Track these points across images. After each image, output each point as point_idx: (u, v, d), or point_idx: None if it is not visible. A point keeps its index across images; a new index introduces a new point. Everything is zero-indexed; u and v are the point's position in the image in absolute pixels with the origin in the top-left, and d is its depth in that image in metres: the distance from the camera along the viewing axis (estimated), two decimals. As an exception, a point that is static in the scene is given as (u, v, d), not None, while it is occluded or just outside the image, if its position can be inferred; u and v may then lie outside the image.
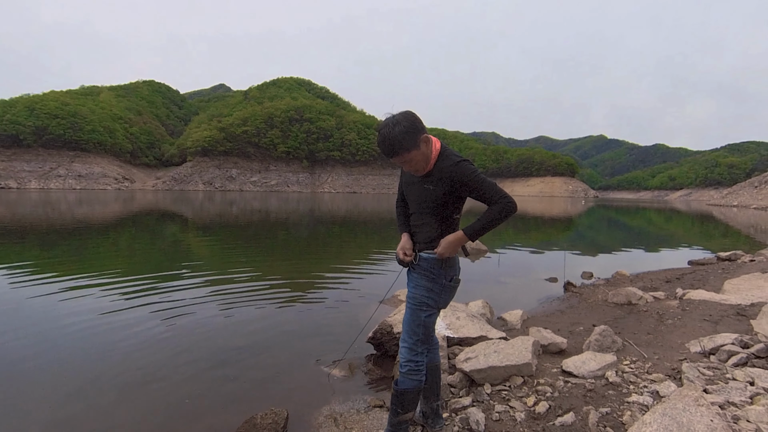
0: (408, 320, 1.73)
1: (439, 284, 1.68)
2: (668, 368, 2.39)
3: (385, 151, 1.55)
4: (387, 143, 1.52)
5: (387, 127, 1.52)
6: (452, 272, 1.72)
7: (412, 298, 1.72)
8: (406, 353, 1.72)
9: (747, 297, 4.08)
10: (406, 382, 1.71)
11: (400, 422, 1.74)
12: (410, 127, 1.52)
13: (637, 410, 1.90)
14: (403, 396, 1.71)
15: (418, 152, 1.54)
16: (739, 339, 2.62)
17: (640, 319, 3.70)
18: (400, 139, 1.50)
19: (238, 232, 12.49)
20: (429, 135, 1.58)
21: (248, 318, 3.94)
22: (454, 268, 1.73)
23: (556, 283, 5.78)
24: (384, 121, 1.55)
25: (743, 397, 1.87)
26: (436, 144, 1.62)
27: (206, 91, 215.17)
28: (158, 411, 2.30)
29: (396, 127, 1.50)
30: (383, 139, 1.53)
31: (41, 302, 4.30)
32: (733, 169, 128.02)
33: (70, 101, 78.09)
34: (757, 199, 50.93)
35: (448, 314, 3.16)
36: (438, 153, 1.61)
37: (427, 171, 1.62)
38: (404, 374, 1.71)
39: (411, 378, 1.70)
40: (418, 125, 1.55)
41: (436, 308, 1.73)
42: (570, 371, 2.38)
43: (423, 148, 1.56)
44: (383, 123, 1.55)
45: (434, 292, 1.68)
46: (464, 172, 1.55)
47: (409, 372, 1.70)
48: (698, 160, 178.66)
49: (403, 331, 1.75)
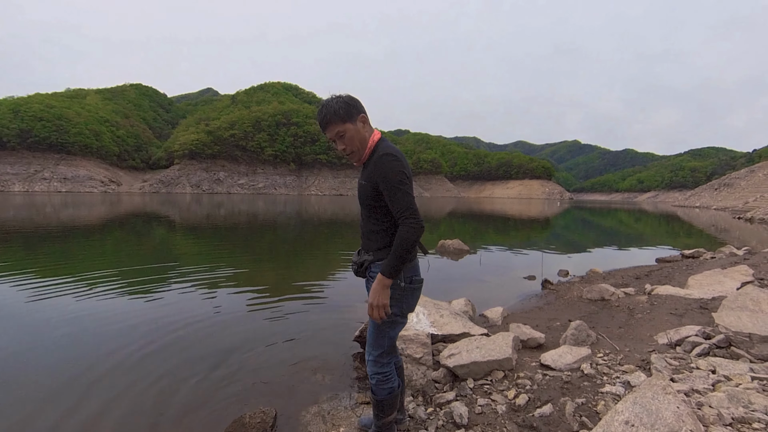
0: (372, 333, 1.66)
1: (398, 289, 1.56)
2: (638, 359, 2.52)
3: (321, 119, 1.51)
4: (324, 111, 1.50)
5: (328, 99, 1.51)
6: (410, 273, 1.59)
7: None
8: (372, 366, 1.68)
9: (709, 291, 4.35)
10: (378, 392, 1.69)
11: (384, 424, 1.75)
12: (350, 101, 1.51)
13: (611, 400, 1.99)
14: (381, 403, 1.72)
15: (353, 127, 1.50)
16: (702, 331, 2.79)
17: (613, 313, 3.88)
18: (337, 107, 1.48)
19: (226, 234, 12.20)
20: (368, 120, 1.56)
21: (235, 319, 3.90)
22: (412, 268, 1.61)
23: (534, 281, 5.96)
24: (328, 97, 1.54)
25: (706, 384, 1.99)
26: (375, 134, 1.57)
27: (194, 95, 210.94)
28: (146, 412, 2.26)
29: (336, 98, 1.50)
30: (321, 108, 1.51)
31: (28, 304, 4.20)
32: (696, 172, 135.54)
33: (56, 104, 76.61)
34: (717, 200, 54.11)
35: (432, 312, 3.21)
36: (374, 144, 1.55)
37: (365, 160, 1.56)
38: (375, 386, 1.69)
39: (382, 388, 1.68)
40: (359, 105, 1.53)
41: (401, 315, 1.62)
42: (548, 364, 2.46)
43: (359, 126, 1.52)
44: (327, 98, 1.53)
45: (395, 299, 1.56)
46: (384, 168, 1.45)
47: (379, 383, 1.68)
48: (664, 164, 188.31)
49: (368, 344, 1.69)
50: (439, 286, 5.49)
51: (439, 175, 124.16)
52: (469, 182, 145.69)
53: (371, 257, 1.60)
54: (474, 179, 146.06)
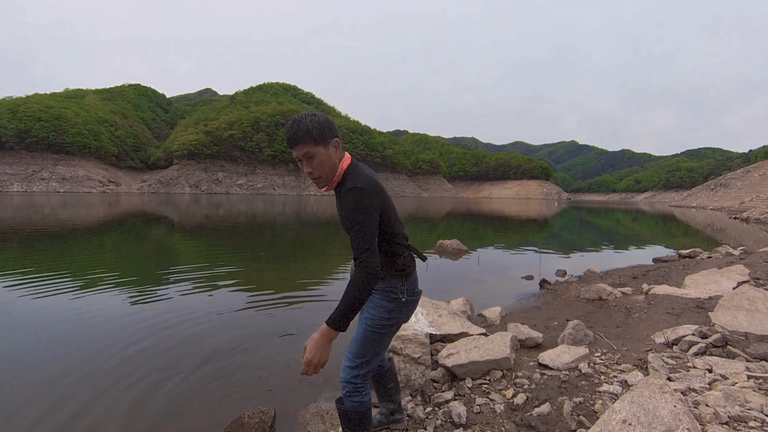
0: (359, 340, 1.55)
1: (399, 303, 1.54)
2: (635, 359, 2.53)
3: (291, 136, 1.37)
4: (295, 127, 1.37)
5: (302, 115, 1.40)
6: (411, 285, 1.57)
7: (371, 319, 1.54)
8: (349, 372, 1.54)
9: (705, 291, 4.37)
10: (347, 402, 1.55)
11: None
12: (325, 122, 1.40)
13: (608, 399, 2.00)
14: (347, 415, 1.56)
15: (324, 151, 1.39)
16: (698, 330, 2.81)
17: (610, 313, 3.89)
18: (310, 127, 1.36)
19: (225, 234, 12.18)
20: (341, 144, 1.45)
21: (235, 319, 3.90)
22: (412, 280, 1.58)
23: (532, 281, 5.98)
24: (301, 113, 1.43)
25: (703, 383, 2.00)
26: (345, 160, 1.45)
27: (192, 95, 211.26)
28: (146, 411, 2.26)
29: (310, 116, 1.39)
30: (293, 123, 1.38)
31: (25, 303, 4.19)
32: (692, 173, 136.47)
33: (55, 104, 76.45)
34: (713, 200, 54.43)
35: (431, 312, 3.22)
36: (343, 171, 1.43)
37: (332, 187, 1.46)
38: (344, 395, 1.56)
39: (352, 400, 1.54)
40: (334, 128, 1.42)
41: (397, 326, 1.60)
42: (546, 364, 2.47)
43: (330, 151, 1.40)
44: (300, 113, 1.42)
45: (396, 311, 1.54)
46: (349, 202, 1.36)
47: (349, 394, 1.54)
48: (661, 165, 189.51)
49: (350, 350, 1.57)
50: (437, 285, 5.50)
51: (437, 175, 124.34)
52: (468, 182, 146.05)
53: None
54: (472, 179, 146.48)
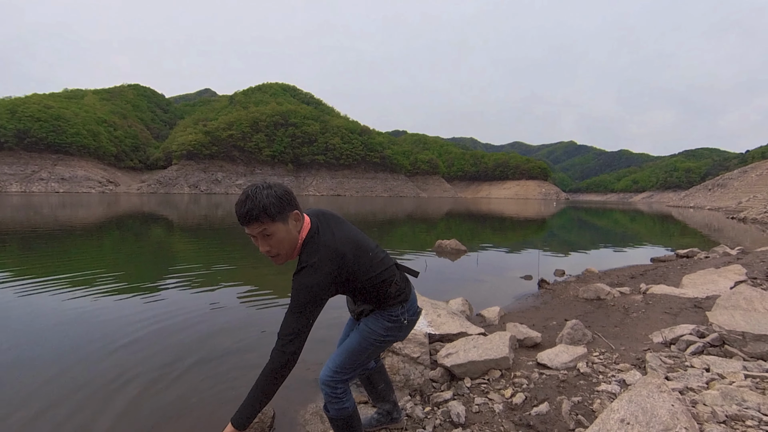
0: (351, 351, 1.53)
1: (399, 323, 1.54)
2: (633, 358, 2.54)
3: (244, 213, 1.21)
4: (249, 204, 1.21)
5: (256, 188, 1.24)
6: (412, 307, 1.59)
7: (368, 332, 1.52)
8: (332, 376, 1.51)
9: (703, 291, 4.39)
10: (330, 410, 1.54)
11: None
12: (284, 195, 1.26)
13: (606, 398, 2.00)
14: (335, 422, 1.56)
15: (283, 227, 1.26)
16: (696, 330, 2.82)
17: (608, 313, 3.90)
18: (267, 203, 1.21)
19: (224, 234, 12.17)
20: (302, 215, 1.34)
21: (233, 318, 3.90)
22: (411, 301, 1.60)
23: (530, 281, 5.99)
24: (253, 185, 1.28)
25: (700, 382, 2.01)
26: (305, 228, 1.34)
27: (192, 96, 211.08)
28: (144, 411, 2.25)
29: (266, 190, 1.23)
30: (246, 198, 1.22)
31: (22, 303, 4.18)
32: (690, 173, 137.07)
33: (53, 104, 76.39)
34: (711, 200, 54.65)
35: (430, 312, 3.22)
36: (302, 241, 1.33)
37: (293, 258, 1.35)
38: (327, 402, 1.55)
39: (335, 407, 1.53)
40: (293, 199, 1.30)
41: (394, 341, 1.59)
42: (544, 363, 2.48)
43: (290, 225, 1.29)
44: (252, 186, 1.27)
45: (395, 330, 1.55)
46: (296, 282, 1.27)
47: (330, 400, 1.53)
48: (659, 165, 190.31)
49: (338, 359, 1.53)
50: (436, 285, 5.51)
51: (436, 175, 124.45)
52: (466, 183, 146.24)
53: (371, 306, 1.55)
54: (471, 180, 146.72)
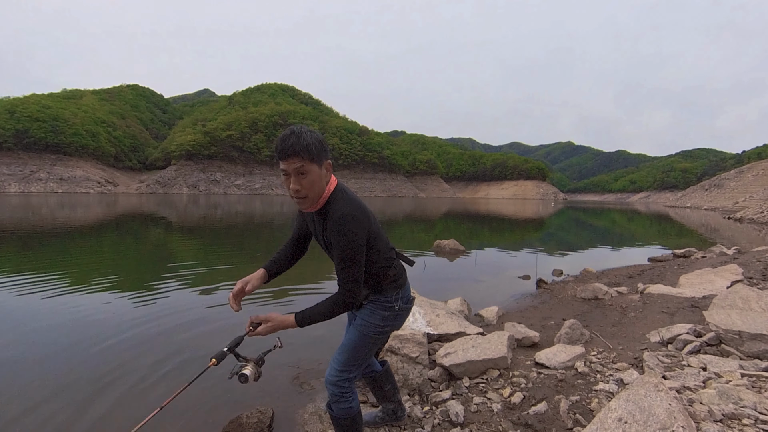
0: (350, 347, 1.54)
1: (393, 311, 1.55)
2: (631, 357, 2.56)
3: (287, 147, 1.27)
4: (293, 138, 1.27)
5: (300, 126, 1.33)
6: (406, 294, 1.59)
7: (364, 325, 1.54)
8: (337, 375, 1.53)
9: (699, 290, 4.41)
10: (335, 409, 1.55)
11: None
12: (323, 141, 1.36)
13: (604, 397, 2.01)
14: (338, 422, 1.56)
15: (317, 169, 1.31)
16: (693, 329, 2.83)
17: (606, 312, 3.92)
18: (310, 141, 1.28)
19: (223, 234, 12.15)
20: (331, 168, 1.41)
21: (232, 318, 3.88)
22: (405, 289, 1.59)
23: (529, 281, 6.01)
24: (297, 125, 1.35)
25: (697, 381, 2.02)
26: (332, 182, 1.40)
27: (190, 96, 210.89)
28: (143, 411, 2.23)
29: (310, 131, 1.32)
30: (291, 134, 1.28)
31: (20, 302, 4.18)
32: (687, 173, 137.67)
33: (52, 104, 76.07)
34: (707, 200, 54.95)
35: (428, 311, 3.22)
36: (330, 193, 1.38)
37: (317, 209, 1.40)
38: (332, 401, 1.55)
39: (340, 406, 1.53)
40: (328, 150, 1.38)
41: (390, 332, 1.60)
42: (542, 363, 2.49)
43: (323, 171, 1.35)
44: (297, 125, 1.35)
45: (389, 319, 1.55)
46: (340, 234, 1.31)
47: (336, 399, 1.53)
48: (656, 165, 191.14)
49: (340, 357, 1.55)
50: (434, 285, 5.52)
51: (434, 175, 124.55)
52: (465, 183, 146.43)
53: (366, 291, 1.54)
54: (469, 180, 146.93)
